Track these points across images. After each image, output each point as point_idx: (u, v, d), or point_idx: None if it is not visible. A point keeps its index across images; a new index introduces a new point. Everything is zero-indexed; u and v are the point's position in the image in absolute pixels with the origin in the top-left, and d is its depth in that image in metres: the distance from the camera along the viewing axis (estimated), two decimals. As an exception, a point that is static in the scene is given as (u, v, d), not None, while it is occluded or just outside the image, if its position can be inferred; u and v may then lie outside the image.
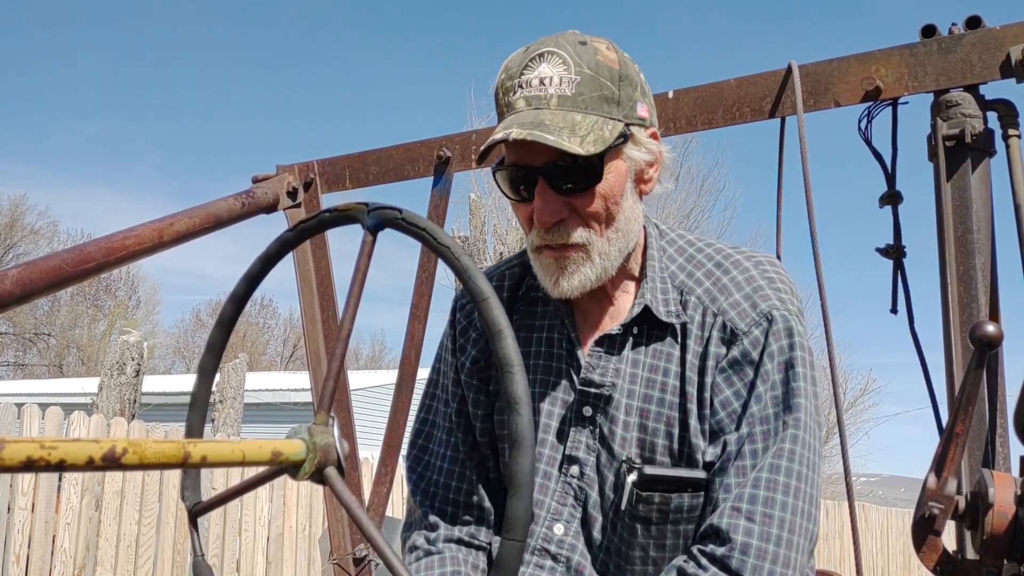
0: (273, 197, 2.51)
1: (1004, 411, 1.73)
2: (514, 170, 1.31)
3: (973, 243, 1.79)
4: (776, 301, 1.33)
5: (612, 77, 1.29)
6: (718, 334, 1.32)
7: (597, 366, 1.38)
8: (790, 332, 1.31)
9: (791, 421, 1.26)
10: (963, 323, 1.78)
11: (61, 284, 1.73)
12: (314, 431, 0.92)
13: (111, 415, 8.85)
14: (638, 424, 1.35)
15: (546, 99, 1.26)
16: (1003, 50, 1.79)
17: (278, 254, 1.10)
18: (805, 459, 1.26)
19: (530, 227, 1.34)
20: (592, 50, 1.29)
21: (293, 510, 7.20)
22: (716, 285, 1.36)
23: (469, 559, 1.42)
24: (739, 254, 1.40)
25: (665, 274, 1.40)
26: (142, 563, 6.05)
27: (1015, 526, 1.34)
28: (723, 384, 1.31)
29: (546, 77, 1.27)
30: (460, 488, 1.46)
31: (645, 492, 1.31)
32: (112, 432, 5.99)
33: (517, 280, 1.50)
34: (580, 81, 1.27)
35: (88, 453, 0.69)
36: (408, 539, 1.47)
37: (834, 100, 1.98)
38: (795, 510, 1.23)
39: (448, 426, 1.49)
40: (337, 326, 2.56)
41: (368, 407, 16.96)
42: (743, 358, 1.30)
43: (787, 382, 1.28)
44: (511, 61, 1.32)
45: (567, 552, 1.38)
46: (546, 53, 1.28)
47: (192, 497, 1.11)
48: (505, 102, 1.30)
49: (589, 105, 1.27)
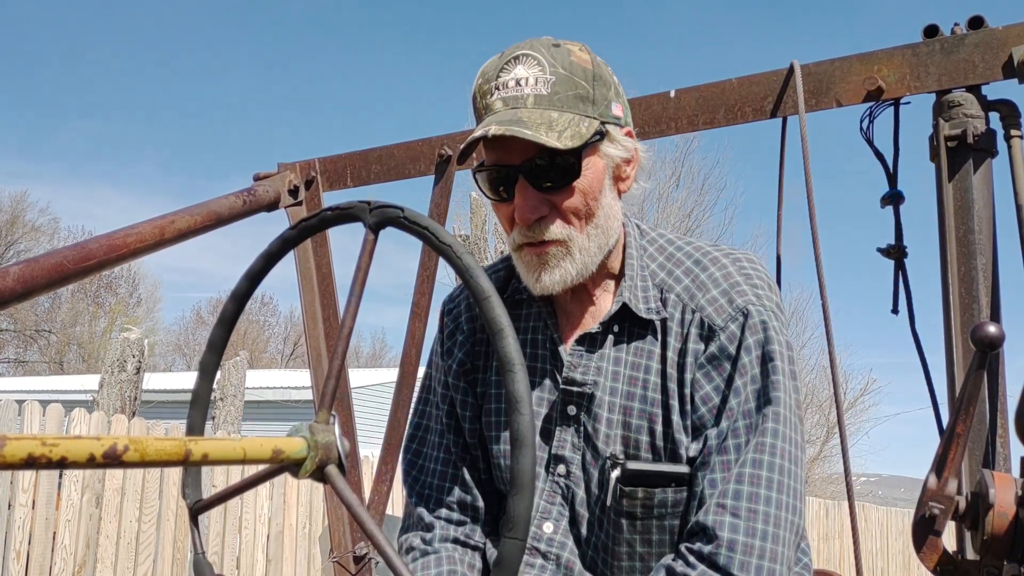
0: (274, 195, 2.51)
1: (1005, 412, 1.73)
2: (494, 171, 1.33)
3: (975, 244, 1.79)
4: (752, 297, 1.34)
5: (586, 77, 1.32)
6: (696, 330, 1.34)
7: (579, 365, 1.39)
8: (765, 327, 1.32)
9: (771, 414, 1.27)
10: (964, 324, 1.78)
11: (62, 281, 1.73)
12: (315, 429, 0.92)
13: (112, 412, 8.86)
14: (621, 422, 1.36)
15: (523, 99, 1.29)
16: (1005, 50, 1.79)
17: (280, 252, 1.10)
18: (786, 452, 1.27)
19: (511, 226, 1.36)
20: (566, 52, 1.32)
21: (293, 508, 7.21)
22: (695, 282, 1.37)
23: (465, 559, 1.44)
24: (718, 251, 1.42)
25: (645, 272, 1.41)
26: (142, 560, 6.05)
27: (1015, 527, 1.34)
28: (703, 380, 1.32)
29: (522, 78, 1.30)
30: (453, 489, 1.48)
31: (628, 487, 1.33)
32: (113, 429, 6.00)
33: (502, 283, 1.52)
34: (555, 80, 1.29)
35: (89, 450, 0.69)
36: (405, 540, 1.49)
37: (836, 100, 1.98)
38: (779, 504, 1.24)
39: (440, 428, 1.52)
40: (338, 324, 2.56)
41: (368, 405, 16.97)
42: (721, 353, 1.32)
43: (765, 375, 1.30)
44: (487, 66, 1.35)
45: (557, 550, 1.40)
46: (521, 56, 1.31)
47: (193, 495, 1.11)
48: (483, 105, 1.33)
49: (565, 103, 1.29)
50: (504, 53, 1.34)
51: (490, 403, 1.48)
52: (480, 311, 0.94)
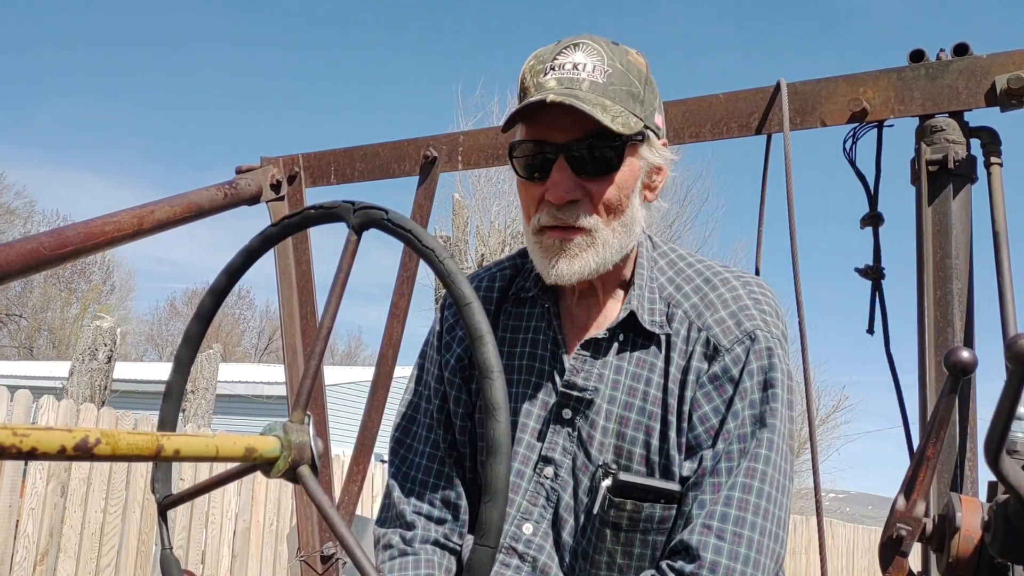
0: (256, 189, 2.49)
1: (974, 436, 1.75)
2: (535, 145, 1.31)
3: (951, 268, 1.81)
4: (760, 322, 1.34)
5: (640, 78, 1.33)
6: (701, 349, 1.34)
7: (581, 369, 1.38)
8: (771, 353, 1.32)
9: (765, 440, 1.28)
10: (938, 347, 1.79)
11: (37, 267, 1.71)
12: (289, 428, 0.91)
13: (81, 400, 8.75)
14: (616, 431, 1.36)
15: (578, 81, 1.28)
16: (989, 78, 1.81)
17: (261, 248, 1.10)
18: (776, 481, 1.27)
19: (536, 208, 1.34)
20: (623, 51, 1.34)
21: (261, 504, 7.15)
22: (703, 300, 1.37)
23: (443, 562, 1.42)
24: (728, 272, 1.42)
25: (654, 284, 1.41)
26: (106, 551, 5.98)
27: (980, 551, 1.35)
28: (703, 399, 1.32)
29: (579, 63, 1.30)
30: (438, 485, 1.46)
31: (618, 499, 1.32)
32: (81, 418, 5.93)
33: (507, 282, 1.51)
34: (612, 72, 1.30)
35: (61, 442, 0.68)
36: (384, 535, 1.46)
37: (821, 120, 2.00)
38: (763, 531, 1.25)
39: (429, 422, 1.50)
40: (315, 322, 2.55)
41: (342, 403, 16.90)
42: (723, 374, 1.32)
43: (765, 402, 1.30)
44: (541, 51, 1.35)
45: (534, 552, 1.39)
46: (580, 44, 1.32)
47: (163, 489, 1.10)
48: (534, 83, 1.31)
49: (617, 96, 1.29)
50: (561, 41, 1.34)
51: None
52: (461, 317, 0.94)
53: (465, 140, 2.42)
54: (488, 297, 1.51)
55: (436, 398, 1.50)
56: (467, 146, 2.40)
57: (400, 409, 1.56)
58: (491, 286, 1.52)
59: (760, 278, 1.44)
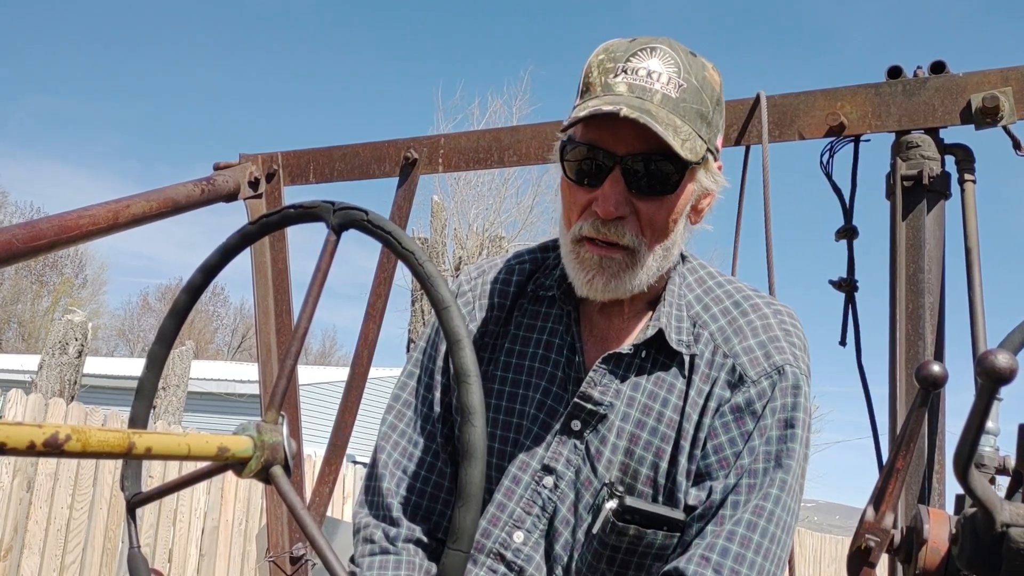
0: (234, 186, 2.47)
1: (943, 449, 1.77)
2: (591, 150, 1.24)
3: (924, 282, 1.83)
4: (790, 355, 1.30)
5: (712, 98, 1.27)
6: (726, 376, 1.29)
7: (599, 383, 1.33)
8: (797, 392, 1.28)
9: (778, 481, 1.24)
10: (909, 360, 1.81)
11: (10, 260, 1.69)
12: (263, 428, 0.91)
13: (50, 395, 8.64)
14: (625, 448, 1.31)
15: (651, 92, 1.22)
16: (964, 97, 1.84)
17: (238, 246, 1.09)
18: (782, 521, 1.24)
19: (578, 216, 1.28)
20: (701, 65, 1.27)
21: (231, 503, 7.09)
22: (732, 325, 1.32)
23: (424, 565, 1.36)
24: (759, 298, 1.37)
25: (682, 302, 1.36)
26: (71, 548, 5.90)
27: (947, 563, 1.36)
28: (720, 429, 1.28)
29: (655, 72, 1.23)
30: (429, 479, 1.40)
31: (621, 523, 1.28)
32: (50, 412, 5.85)
33: (525, 276, 1.45)
34: (686, 88, 1.23)
35: (30, 438, 0.67)
36: (366, 527, 1.39)
37: (799, 133, 2.02)
38: (762, 570, 1.22)
39: (424, 411, 1.43)
40: (291, 321, 2.54)
41: (315, 403, 16.79)
42: (746, 406, 1.27)
43: (783, 440, 1.26)
44: (614, 45, 1.28)
45: (522, 562, 1.34)
46: (657, 48, 1.25)
47: (132, 487, 1.09)
48: (602, 82, 1.24)
49: (687, 115, 1.23)
50: (637, 39, 1.27)
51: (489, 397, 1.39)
52: (439, 320, 0.94)
53: (446, 143, 2.42)
54: (503, 290, 1.44)
55: (436, 390, 1.43)
56: (448, 148, 2.40)
57: (396, 392, 1.48)
58: (508, 279, 1.45)
59: (790, 307, 1.38)
